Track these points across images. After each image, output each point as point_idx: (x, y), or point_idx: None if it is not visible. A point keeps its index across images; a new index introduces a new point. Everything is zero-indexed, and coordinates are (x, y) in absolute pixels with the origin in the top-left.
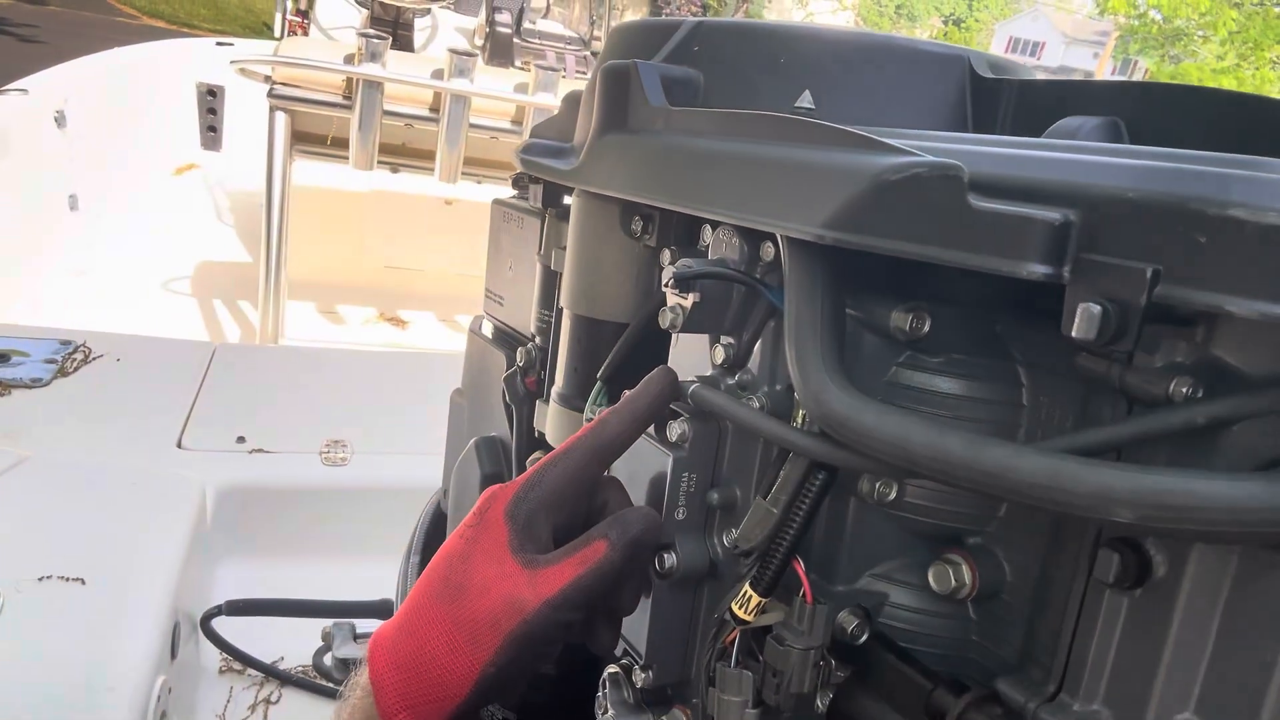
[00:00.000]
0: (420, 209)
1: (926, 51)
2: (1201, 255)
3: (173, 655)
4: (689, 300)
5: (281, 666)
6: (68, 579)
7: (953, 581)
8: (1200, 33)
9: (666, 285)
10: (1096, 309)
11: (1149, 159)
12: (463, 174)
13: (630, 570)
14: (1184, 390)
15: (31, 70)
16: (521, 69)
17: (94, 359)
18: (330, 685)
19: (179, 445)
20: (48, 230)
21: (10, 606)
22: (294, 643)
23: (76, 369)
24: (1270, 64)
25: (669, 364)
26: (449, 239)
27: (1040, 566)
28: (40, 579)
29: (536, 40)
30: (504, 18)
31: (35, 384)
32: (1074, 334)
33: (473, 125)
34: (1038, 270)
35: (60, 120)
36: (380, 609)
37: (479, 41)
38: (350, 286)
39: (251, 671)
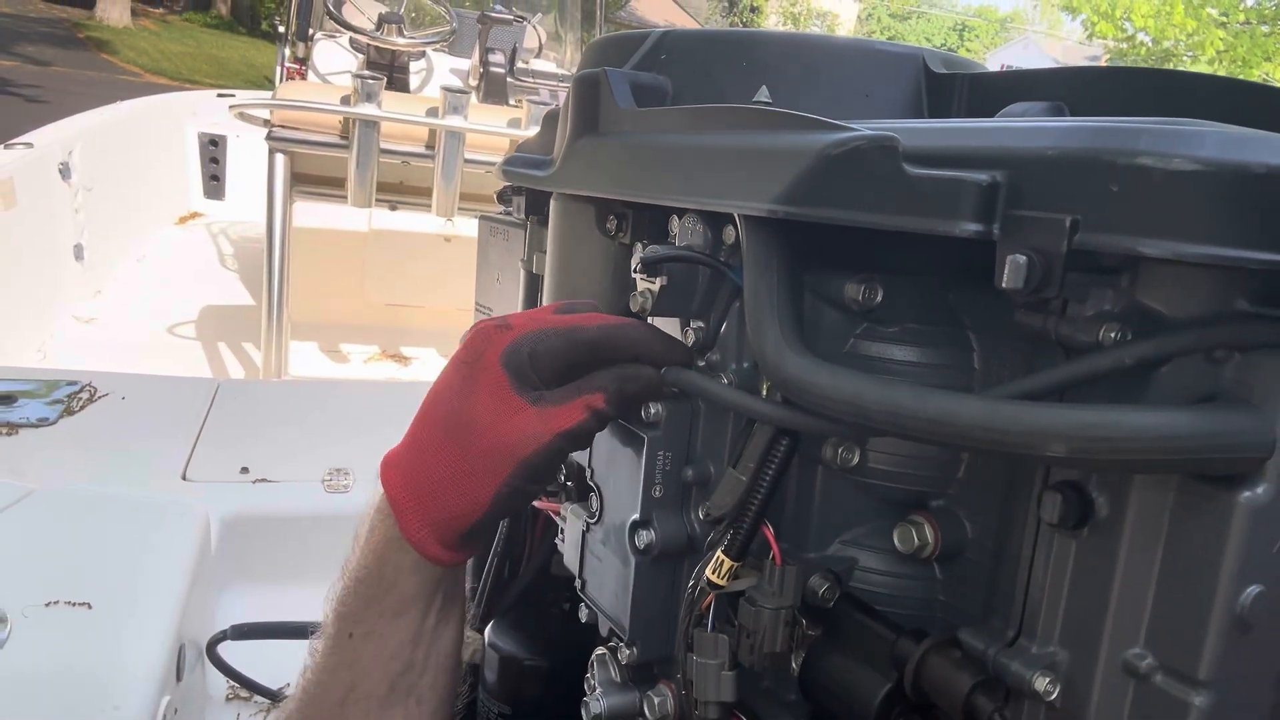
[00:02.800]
0: (420, 246)
1: (883, 51)
2: (1115, 203)
3: (178, 678)
4: (657, 284)
5: (288, 692)
6: (74, 604)
7: (915, 541)
8: (1189, 54)
9: (635, 271)
10: (1022, 259)
11: (1068, 123)
12: (460, 209)
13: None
14: (1112, 335)
15: (37, 128)
16: (515, 107)
17: (99, 398)
18: None
19: (183, 477)
20: (54, 280)
21: (18, 631)
22: (299, 669)
23: (82, 408)
24: (1260, 81)
25: None
26: (449, 275)
27: (998, 522)
28: (47, 604)
29: (530, 79)
30: (497, 58)
31: (42, 423)
32: (1004, 285)
33: (468, 160)
34: (970, 228)
35: (65, 172)
36: None
37: (474, 82)
38: (352, 325)
39: (258, 698)
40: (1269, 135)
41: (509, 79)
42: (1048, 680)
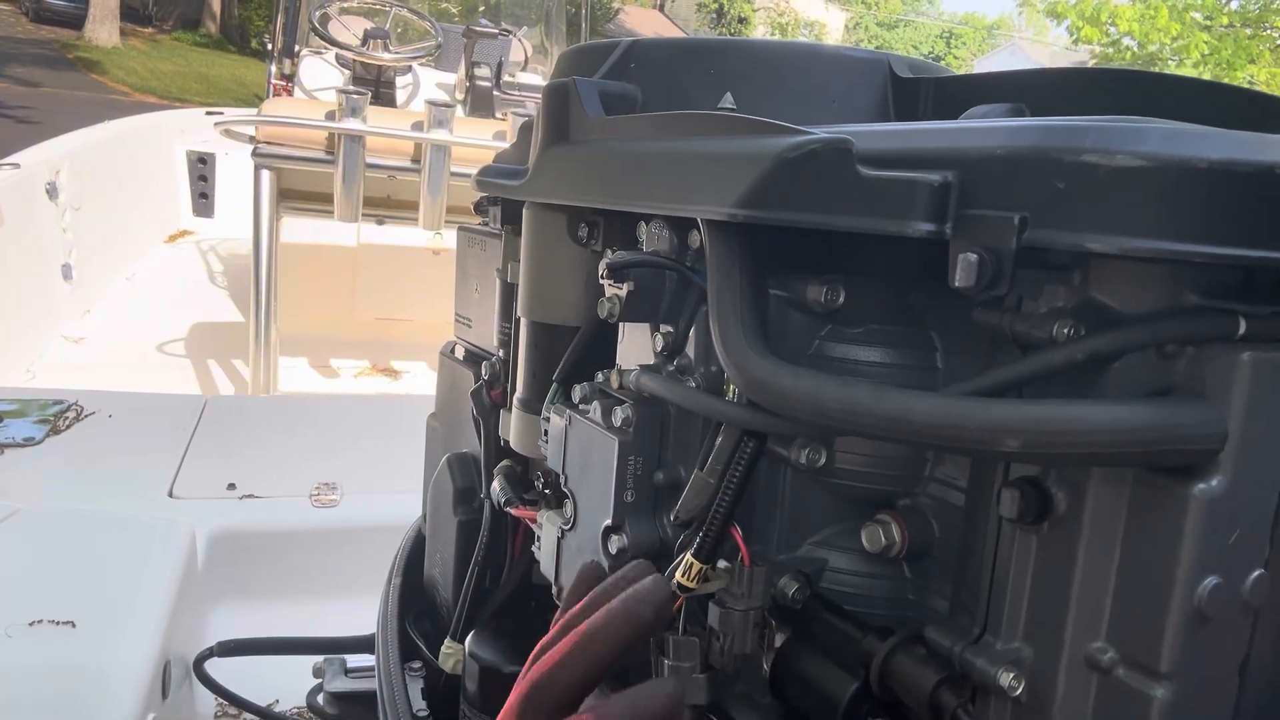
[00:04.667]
0: (408, 260)
1: (849, 56)
2: (1062, 200)
3: (164, 694)
4: (624, 290)
5: (277, 709)
6: (58, 623)
7: (883, 540)
8: (1174, 58)
9: (602, 276)
10: (974, 257)
11: (1017, 123)
12: (447, 222)
13: None
14: (1066, 331)
15: (26, 148)
16: (501, 120)
17: (86, 416)
18: None
19: (170, 494)
20: (42, 299)
21: (2, 650)
22: (288, 685)
23: (69, 426)
24: (1244, 84)
25: (618, 359)
26: (438, 288)
27: (963, 520)
28: (31, 624)
29: (516, 92)
30: (483, 72)
31: (28, 443)
32: (957, 283)
33: (454, 174)
34: (923, 228)
35: (52, 192)
36: (372, 644)
37: (460, 96)
38: (342, 340)
39: (247, 715)
40: (1212, 130)
41: (495, 92)
42: (1012, 676)
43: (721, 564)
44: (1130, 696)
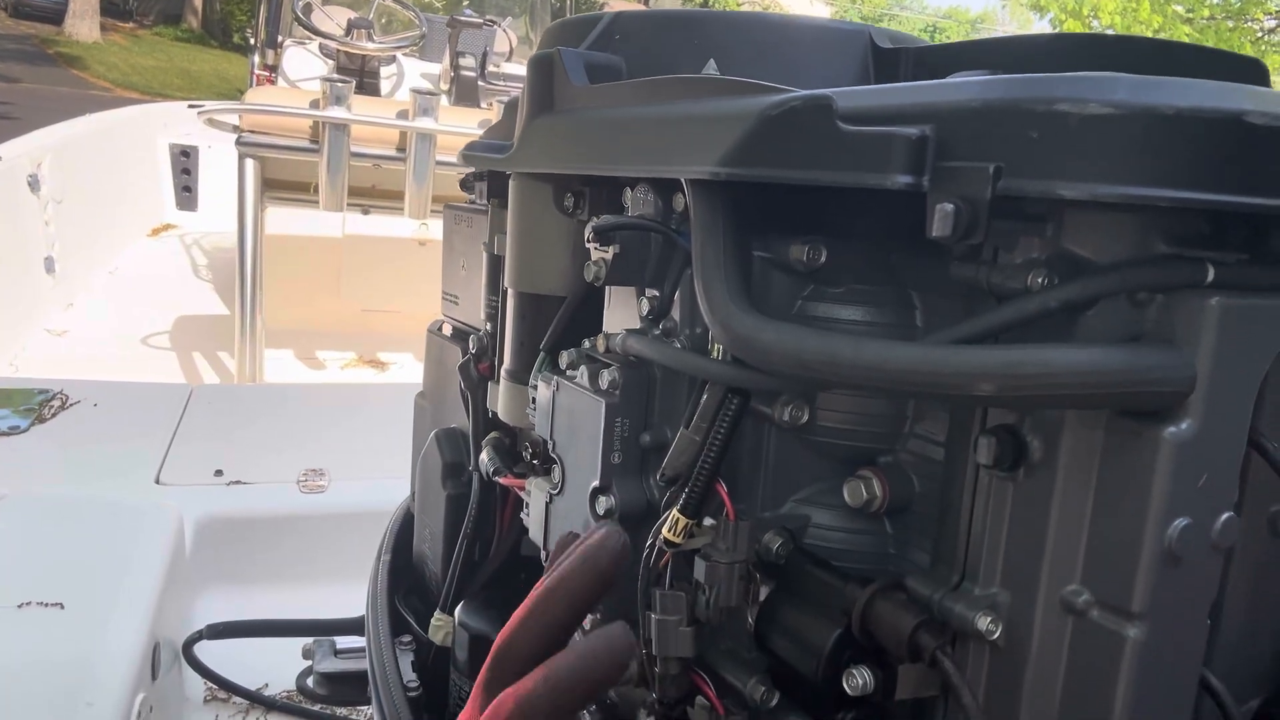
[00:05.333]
0: (394, 251)
1: (830, 28)
2: (1035, 149)
3: (154, 676)
4: (610, 253)
5: (266, 692)
6: (46, 604)
7: (864, 494)
8: None
9: (588, 240)
10: (950, 207)
11: (992, 78)
12: (432, 211)
13: None
14: (1039, 280)
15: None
16: (487, 110)
17: (71, 405)
18: (315, 710)
19: (157, 481)
20: (24, 293)
21: None
22: (278, 668)
23: (54, 415)
24: (1200, 43)
25: (605, 324)
26: (424, 279)
27: (943, 473)
28: (19, 606)
29: (501, 82)
30: (468, 62)
31: (13, 431)
32: (934, 233)
33: (440, 163)
34: (902, 180)
35: (34, 184)
36: (361, 625)
37: (445, 86)
38: (328, 332)
39: (236, 699)
40: (1180, 80)
41: (480, 83)
42: (989, 620)
43: (708, 522)
44: (1104, 637)
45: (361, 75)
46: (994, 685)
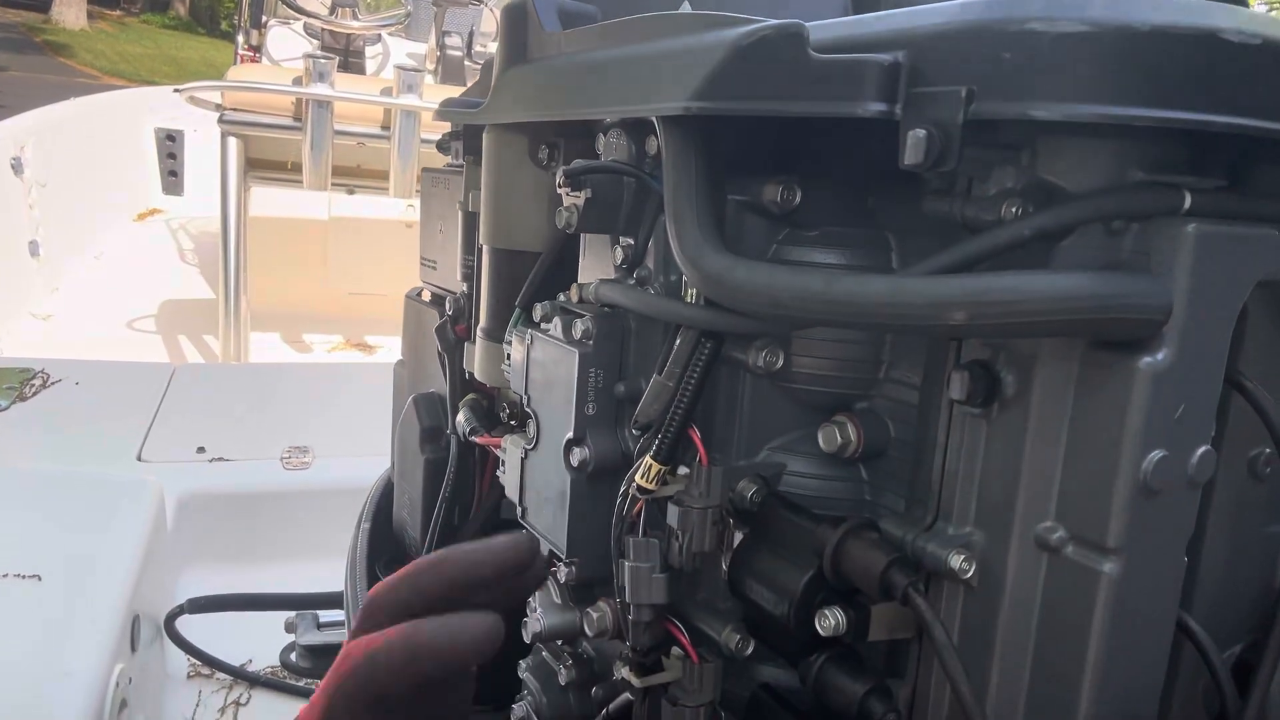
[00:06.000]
0: (381, 233)
1: None
2: (1007, 70)
3: (133, 648)
4: (581, 198)
5: (250, 668)
6: (24, 576)
7: (839, 439)
8: None
9: (559, 185)
10: (922, 133)
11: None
12: (417, 191)
13: None
14: (1013, 210)
15: None
16: None
17: (53, 384)
18: (299, 684)
19: (139, 458)
20: (8, 277)
21: None
22: (261, 644)
23: (35, 394)
24: None
25: (579, 276)
26: (411, 262)
27: (918, 417)
28: None
29: None
30: (454, 41)
31: None
32: (906, 161)
33: (425, 140)
34: (874, 108)
35: (17, 167)
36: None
37: (430, 66)
38: (314, 315)
39: (220, 675)
40: None
41: (466, 62)
42: (963, 559)
43: (681, 470)
44: (1079, 573)
45: (346, 54)
46: (968, 625)
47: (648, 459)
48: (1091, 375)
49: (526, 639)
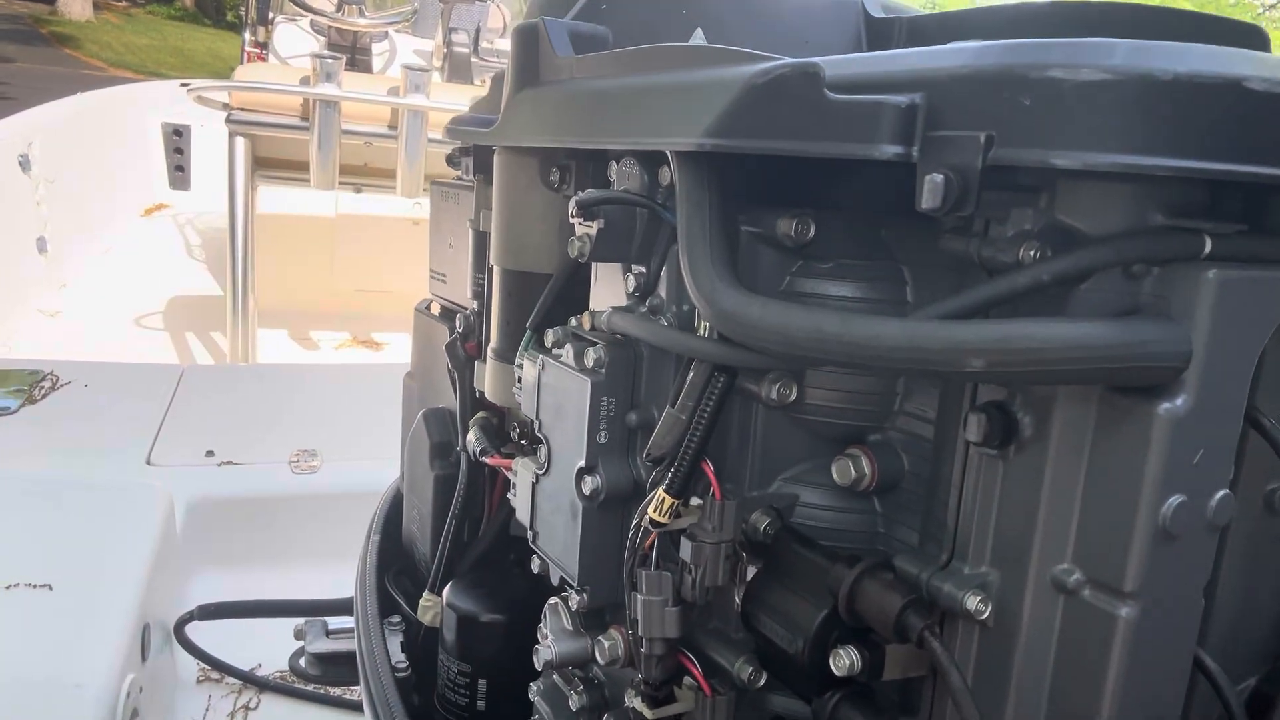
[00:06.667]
0: (387, 231)
1: None
2: (1028, 117)
3: (144, 657)
4: (594, 228)
5: (259, 673)
6: (35, 586)
7: (853, 473)
8: None
9: (572, 215)
10: (939, 178)
11: (984, 44)
12: (424, 189)
13: None
14: (1032, 254)
15: None
16: (480, 86)
17: (62, 386)
18: (307, 689)
19: (148, 462)
20: (16, 273)
21: None
22: (270, 648)
23: (44, 396)
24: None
25: (591, 302)
26: (418, 259)
27: (933, 452)
28: (8, 587)
29: (495, 59)
30: (461, 38)
31: (2, 412)
32: (924, 205)
33: (432, 140)
34: (889, 151)
35: (25, 164)
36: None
37: (437, 63)
38: (322, 312)
39: (229, 679)
40: (1178, 45)
41: (473, 59)
42: (979, 599)
43: (694, 501)
44: (1096, 617)
45: (353, 52)
46: (983, 665)
47: (660, 492)
48: (1110, 419)
49: (538, 666)
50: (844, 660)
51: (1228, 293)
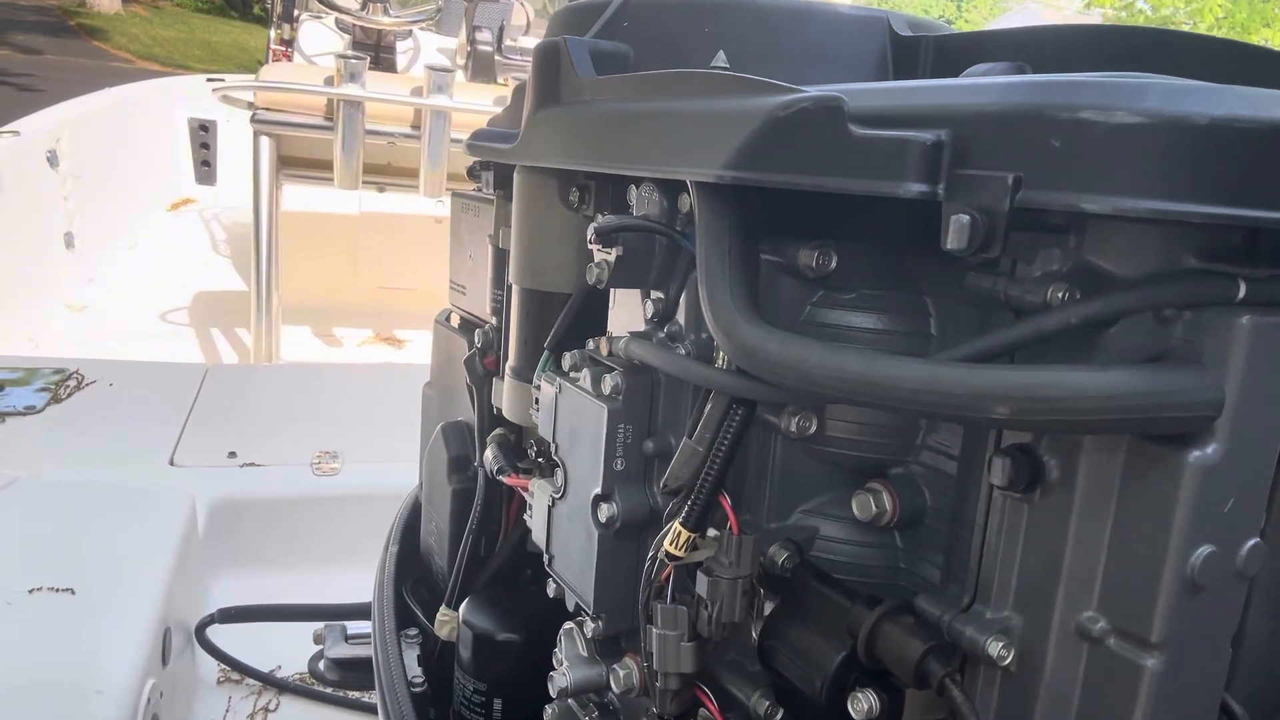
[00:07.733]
0: (411, 228)
1: (846, 15)
2: (1058, 158)
3: (164, 661)
4: (613, 255)
5: (279, 675)
6: (58, 590)
7: (874, 508)
8: (1188, 21)
9: (590, 241)
10: (966, 219)
11: (1011, 80)
12: (447, 189)
13: None
14: (1060, 295)
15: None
16: (503, 85)
17: (87, 385)
18: (326, 691)
19: (171, 463)
20: (44, 268)
21: (1, 618)
22: (290, 651)
23: (70, 395)
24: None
25: (609, 325)
26: (440, 257)
27: (956, 489)
28: (31, 591)
29: (519, 57)
30: (485, 36)
31: (29, 411)
32: (949, 246)
33: (455, 140)
34: (914, 189)
35: (53, 160)
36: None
37: (461, 61)
38: (345, 309)
39: (249, 681)
40: (1215, 86)
41: (497, 57)
42: (1001, 645)
43: (711, 533)
44: (1121, 666)
45: (377, 50)
46: (1004, 713)
47: (676, 525)
48: (1138, 466)
49: (553, 694)
50: (862, 704)
51: (1262, 339)
